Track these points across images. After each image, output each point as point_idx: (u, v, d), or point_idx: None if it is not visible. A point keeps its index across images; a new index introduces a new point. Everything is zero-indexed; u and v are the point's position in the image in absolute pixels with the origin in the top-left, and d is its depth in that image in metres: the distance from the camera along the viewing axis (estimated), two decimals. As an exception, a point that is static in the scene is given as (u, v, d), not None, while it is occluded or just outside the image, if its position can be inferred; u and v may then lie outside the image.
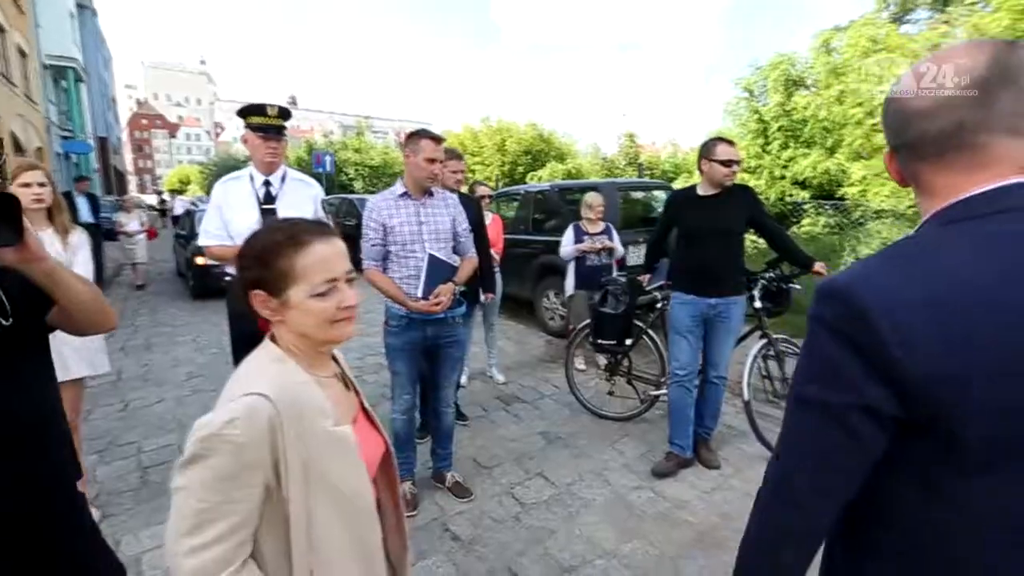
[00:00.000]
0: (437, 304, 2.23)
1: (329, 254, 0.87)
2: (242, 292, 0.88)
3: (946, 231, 0.65)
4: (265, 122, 2.26)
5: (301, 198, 2.36)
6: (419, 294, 2.25)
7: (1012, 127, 0.62)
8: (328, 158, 16.60)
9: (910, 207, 5.62)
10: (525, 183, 11.89)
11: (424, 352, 2.47)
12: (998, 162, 0.63)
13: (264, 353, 0.88)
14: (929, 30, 8.57)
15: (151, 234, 9.13)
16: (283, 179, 2.36)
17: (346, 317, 0.89)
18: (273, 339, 0.91)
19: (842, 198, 7.15)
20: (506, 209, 6.71)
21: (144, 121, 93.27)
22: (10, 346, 1.02)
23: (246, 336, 1.02)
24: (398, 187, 2.38)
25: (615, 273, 3.96)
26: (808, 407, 0.66)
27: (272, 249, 0.86)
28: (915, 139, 0.68)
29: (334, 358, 1.03)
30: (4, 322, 1.00)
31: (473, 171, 15.31)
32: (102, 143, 27.08)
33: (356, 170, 20.01)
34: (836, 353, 0.62)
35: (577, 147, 16.01)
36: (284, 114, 2.33)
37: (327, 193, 14.26)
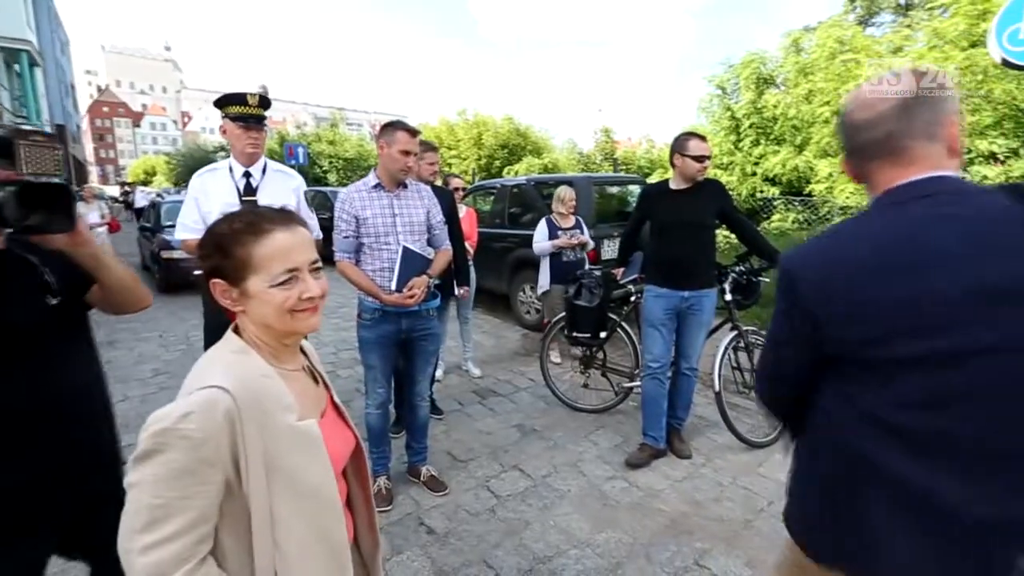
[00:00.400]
0: (411, 297, 2.21)
1: (291, 243, 0.85)
2: (205, 279, 0.86)
3: (873, 211, 0.87)
4: (246, 111, 2.18)
5: (283, 190, 2.31)
6: (393, 287, 2.22)
7: (928, 134, 0.85)
8: (301, 150, 16.22)
9: (873, 203, 5.82)
10: (502, 177, 11.87)
11: (398, 346, 2.44)
12: (919, 161, 0.85)
13: (226, 345, 0.86)
14: (892, 33, 8.86)
15: (113, 226, 8.77)
16: (264, 171, 2.31)
17: (309, 308, 0.87)
18: (237, 331, 0.88)
19: (810, 194, 7.36)
20: (482, 203, 6.69)
21: (105, 109, 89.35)
22: (56, 322, 1.09)
23: (222, 329, 1.00)
24: (371, 178, 2.34)
25: (587, 266, 3.99)
26: (773, 336, 1.00)
27: (231, 237, 0.84)
28: (860, 145, 0.91)
29: (303, 351, 1.01)
30: (52, 300, 1.07)
31: (450, 165, 15.17)
32: (60, 131, 25.86)
33: (330, 162, 19.61)
34: (783, 305, 0.94)
35: (554, 142, 16.04)
36: (264, 103, 2.26)
37: (300, 186, 14.03)
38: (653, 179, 10.18)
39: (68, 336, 1.15)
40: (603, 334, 3.27)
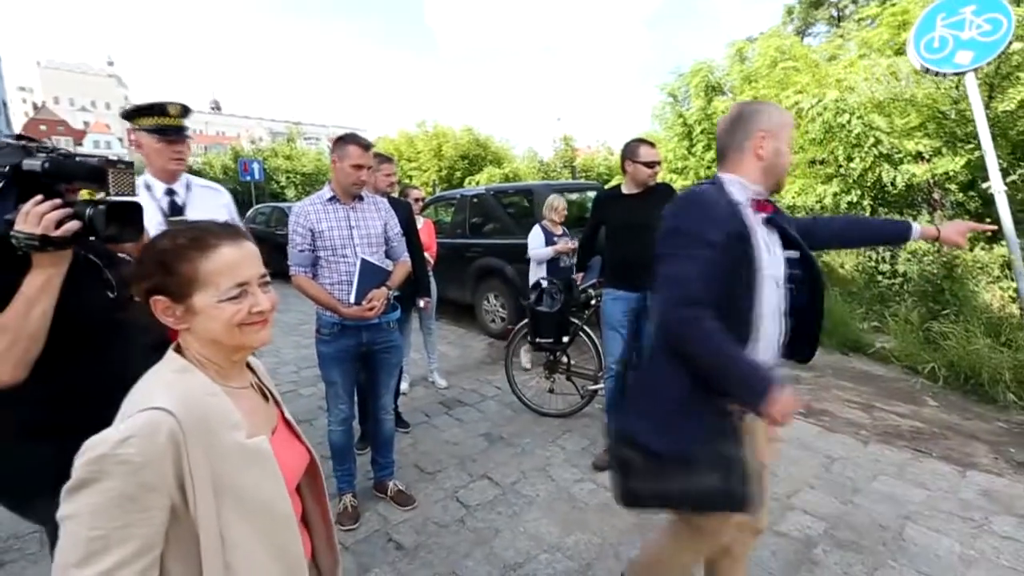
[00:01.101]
0: (370, 309, 2.19)
1: (238, 257, 0.85)
2: (143, 299, 0.84)
3: (712, 185, 1.42)
4: (166, 123, 1.97)
5: (213, 207, 2.10)
6: (352, 299, 2.20)
7: (738, 146, 1.41)
8: (256, 165, 15.79)
9: (817, 202, 6.13)
10: (463, 187, 11.87)
11: (359, 360, 2.41)
12: (735, 163, 1.43)
13: (167, 365, 0.83)
14: (827, 43, 9.40)
15: None
16: (188, 187, 2.11)
17: (259, 321, 0.87)
18: (179, 350, 0.86)
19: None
20: (443, 214, 6.68)
21: (43, 127, 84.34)
22: (115, 316, 1.22)
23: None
24: (326, 191, 2.32)
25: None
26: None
27: (174, 253, 0.82)
28: (719, 150, 1.48)
29: (251, 368, 0.99)
30: (111, 295, 1.25)
31: (410, 177, 15.06)
32: (-9, 152, 24.25)
33: (288, 178, 19.14)
34: None
35: (514, 151, 16.18)
36: (185, 112, 2.11)
37: (256, 201, 13.58)
38: (611, 185, 10.38)
39: (126, 330, 1.25)
40: (565, 339, 3.31)
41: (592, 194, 6.36)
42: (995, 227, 1.61)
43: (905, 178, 5.17)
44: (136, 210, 1.21)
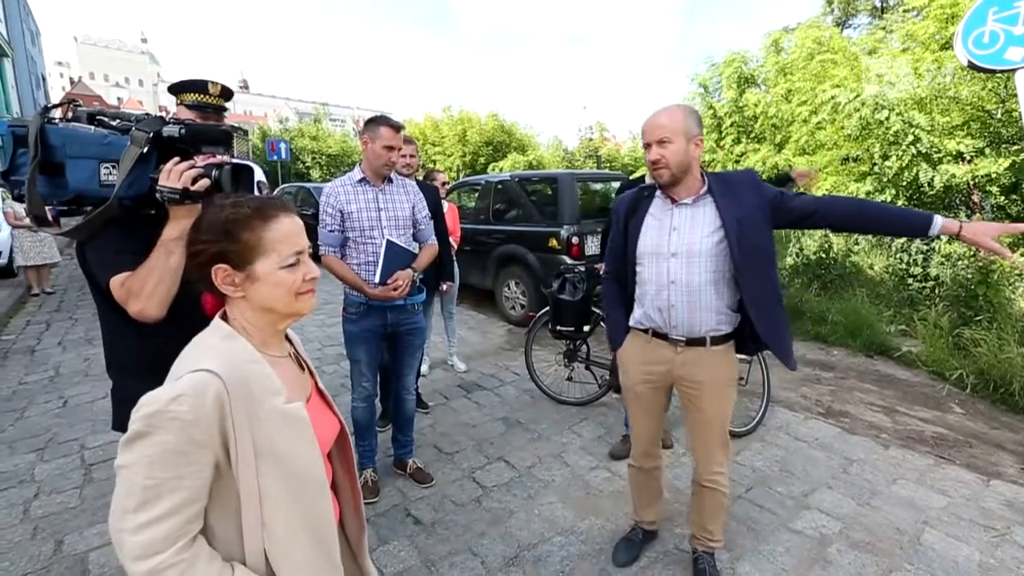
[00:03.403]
0: (395, 290, 2.23)
1: (294, 228, 0.90)
2: (198, 268, 0.88)
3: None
4: (205, 100, 2.08)
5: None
6: (376, 280, 2.24)
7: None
8: (283, 145, 16.01)
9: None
10: (487, 173, 11.87)
11: (384, 340, 2.46)
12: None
13: (213, 331, 0.88)
14: (867, 35, 9.07)
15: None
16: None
17: (310, 289, 0.92)
18: (224, 318, 0.91)
19: (789, 192, 7.52)
20: (467, 199, 6.70)
21: (79, 103, 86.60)
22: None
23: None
24: (356, 173, 2.36)
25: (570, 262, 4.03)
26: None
27: (240, 222, 0.86)
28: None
29: (288, 339, 1.03)
30: None
31: (434, 161, 15.09)
32: (31, 125, 24.94)
33: (313, 158, 19.35)
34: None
35: (539, 139, 16.06)
36: (226, 94, 2.16)
37: (282, 181, 13.79)
38: (635, 176, 10.26)
39: (181, 309, 1.26)
40: (586, 328, 3.32)
41: (616, 184, 6.31)
42: (1010, 255, 1.50)
43: (944, 179, 5.00)
44: (250, 172, 1.32)
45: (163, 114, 1.33)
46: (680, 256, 1.70)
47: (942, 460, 2.89)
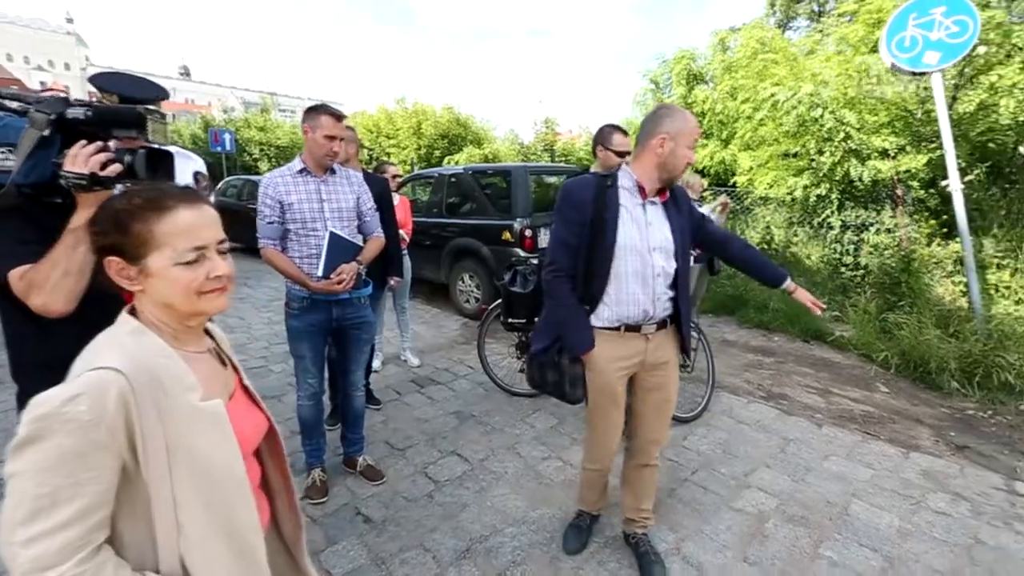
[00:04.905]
0: (339, 283, 2.17)
1: (195, 220, 0.84)
2: (98, 259, 0.82)
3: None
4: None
5: (179, 173, 2.12)
6: (319, 273, 2.17)
7: (642, 139, 1.75)
8: (228, 136, 15.24)
9: (788, 194, 6.28)
10: (442, 166, 11.72)
11: (329, 335, 2.40)
12: (636, 153, 1.79)
13: (120, 327, 0.82)
14: (806, 37, 9.52)
15: None
16: None
17: (217, 288, 0.86)
18: (133, 312, 0.85)
19: (735, 185, 7.82)
20: (421, 193, 6.61)
21: (-7, 86, 79.41)
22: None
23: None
24: (296, 163, 2.27)
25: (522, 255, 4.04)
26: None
27: (131, 212, 0.81)
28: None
29: (210, 334, 0.98)
30: None
31: (388, 154, 14.76)
32: (-62, 110, 22.71)
33: (261, 150, 18.51)
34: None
35: (496, 132, 15.99)
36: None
37: (228, 174, 13.14)
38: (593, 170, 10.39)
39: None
40: (538, 320, 3.34)
41: (570, 178, 6.37)
42: (823, 307, 1.94)
43: (871, 174, 5.33)
44: (169, 158, 1.24)
45: (66, 95, 1.25)
46: (659, 250, 1.75)
47: (868, 436, 3.10)
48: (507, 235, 5.00)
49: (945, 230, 5.43)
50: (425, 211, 5.95)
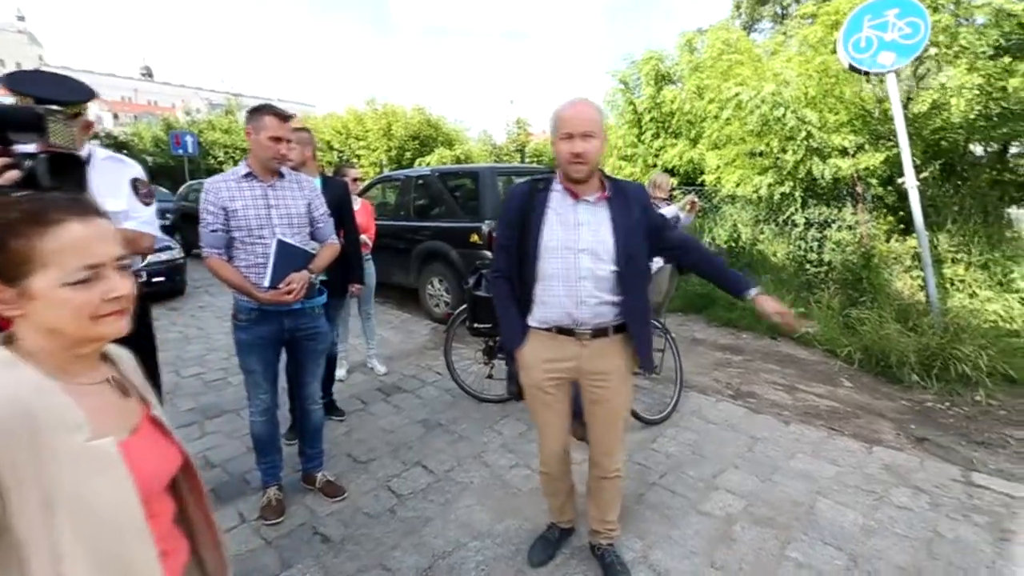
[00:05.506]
0: (288, 293, 2.06)
1: (88, 235, 0.75)
2: None
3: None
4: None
5: (113, 181, 1.87)
6: (266, 283, 2.06)
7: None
8: (190, 139, 14.76)
9: (754, 192, 6.37)
10: (413, 168, 11.56)
11: (281, 347, 2.28)
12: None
13: None
14: (770, 39, 9.73)
15: None
16: (89, 158, 1.93)
17: (115, 311, 0.77)
18: (8, 341, 0.75)
19: (703, 184, 7.91)
20: (389, 195, 6.48)
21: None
22: None
23: None
24: (241, 168, 2.15)
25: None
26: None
27: (7, 227, 0.71)
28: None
29: (110, 359, 0.88)
30: None
31: (358, 156, 14.51)
32: None
33: (226, 152, 18.00)
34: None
35: (468, 134, 15.86)
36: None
37: (191, 177, 12.70)
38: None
39: None
40: (505, 324, 3.28)
41: (540, 179, 6.34)
42: (792, 320, 1.76)
43: (832, 172, 5.44)
44: (77, 163, 1.15)
45: None
46: (587, 252, 1.68)
47: (833, 432, 3.13)
48: (475, 237, 4.93)
49: (902, 226, 5.58)
50: (393, 214, 5.82)
